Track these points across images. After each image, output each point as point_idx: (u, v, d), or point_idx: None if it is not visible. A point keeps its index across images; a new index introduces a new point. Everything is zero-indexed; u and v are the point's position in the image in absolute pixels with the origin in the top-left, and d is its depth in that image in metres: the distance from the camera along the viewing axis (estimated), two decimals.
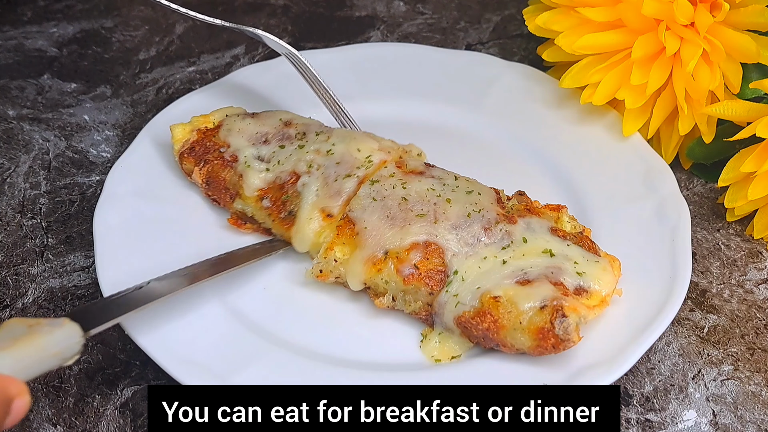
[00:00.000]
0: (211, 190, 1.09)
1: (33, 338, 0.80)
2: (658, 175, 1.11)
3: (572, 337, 0.91)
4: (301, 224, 1.02)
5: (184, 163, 1.11)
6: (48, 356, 0.81)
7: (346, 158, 1.06)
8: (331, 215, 1.02)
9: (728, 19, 1.07)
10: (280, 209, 1.05)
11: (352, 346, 0.97)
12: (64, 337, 0.82)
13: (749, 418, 0.94)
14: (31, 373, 0.80)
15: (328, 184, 1.04)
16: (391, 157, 1.07)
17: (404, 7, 1.47)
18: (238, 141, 1.10)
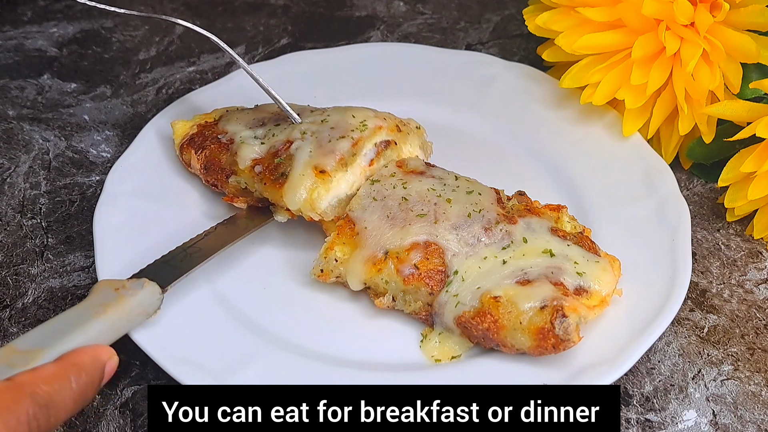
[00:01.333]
0: (209, 175, 1.09)
1: (121, 302, 0.90)
2: (658, 175, 1.11)
3: (572, 337, 0.91)
4: (293, 180, 1.01)
5: (183, 154, 1.12)
6: (135, 315, 0.92)
7: (340, 124, 1.06)
8: (324, 171, 1.01)
9: (728, 19, 1.07)
10: (272, 172, 1.04)
11: (352, 346, 0.97)
12: (146, 297, 0.93)
13: (749, 418, 0.94)
14: (121, 332, 0.90)
15: (321, 146, 1.04)
16: (387, 124, 1.07)
17: (404, 7, 1.47)
18: (236, 127, 1.11)
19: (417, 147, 1.10)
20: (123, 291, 0.91)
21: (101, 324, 0.87)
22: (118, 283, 0.92)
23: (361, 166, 1.05)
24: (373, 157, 1.06)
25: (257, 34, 1.42)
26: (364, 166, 1.05)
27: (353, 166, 1.04)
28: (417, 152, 1.10)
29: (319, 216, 1.02)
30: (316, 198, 1.01)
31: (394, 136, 1.08)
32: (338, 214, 1.03)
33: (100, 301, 0.89)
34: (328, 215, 1.02)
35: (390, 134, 1.07)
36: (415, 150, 1.10)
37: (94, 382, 0.81)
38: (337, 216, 1.03)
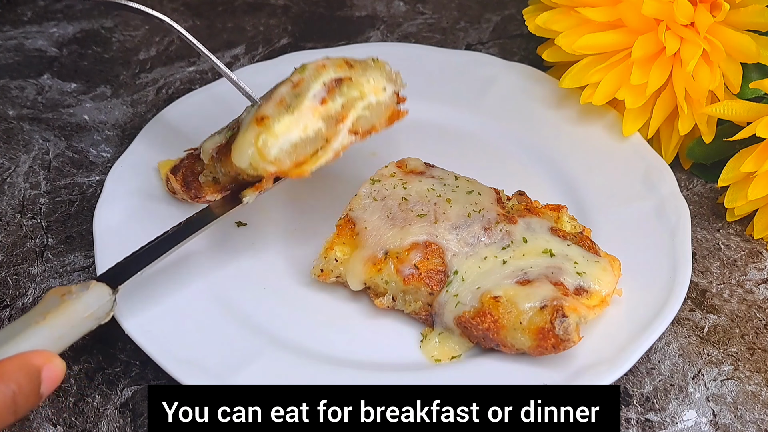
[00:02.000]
0: (189, 189, 1.07)
1: (64, 307, 0.85)
2: (658, 175, 1.11)
3: (572, 337, 0.91)
4: (238, 139, 0.96)
5: (168, 185, 1.09)
6: (82, 320, 0.86)
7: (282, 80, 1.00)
8: (264, 117, 0.95)
9: (728, 19, 1.07)
10: (225, 147, 1.00)
11: (352, 346, 0.97)
12: (94, 299, 0.87)
13: (749, 418, 0.94)
14: (69, 339, 0.85)
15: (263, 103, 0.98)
16: (332, 62, 1.00)
17: (404, 7, 1.47)
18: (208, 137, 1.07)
19: (382, 80, 1.02)
20: (68, 296, 0.86)
21: (41, 332, 0.82)
22: (66, 289, 0.87)
23: (310, 106, 0.96)
24: (324, 96, 0.97)
25: (257, 34, 1.42)
26: (315, 107, 0.97)
27: (300, 108, 0.96)
28: (383, 84, 1.02)
29: (273, 166, 0.95)
30: (262, 146, 0.94)
31: (344, 73, 1.00)
32: (296, 159, 0.96)
33: (43, 309, 0.84)
34: (284, 162, 0.95)
35: (338, 71, 0.99)
36: (380, 83, 1.01)
37: (25, 390, 0.76)
38: (295, 162, 0.96)
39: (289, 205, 1.12)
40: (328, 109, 0.98)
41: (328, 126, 0.97)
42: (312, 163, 0.96)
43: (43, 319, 0.83)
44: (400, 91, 1.04)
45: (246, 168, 0.95)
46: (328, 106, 0.98)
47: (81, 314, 0.86)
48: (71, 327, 0.85)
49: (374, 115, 1.00)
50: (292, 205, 1.11)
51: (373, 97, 1.00)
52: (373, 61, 1.04)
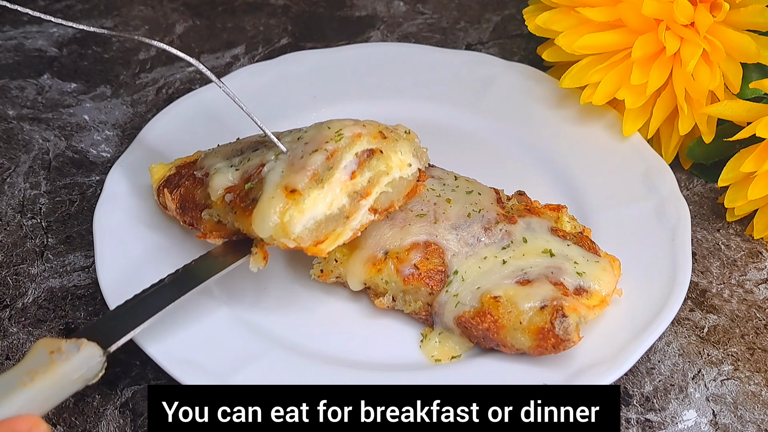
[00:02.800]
0: (185, 214, 1.01)
1: (53, 368, 0.81)
2: (658, 175, 1.11)
3: (572, 337, 0.91)
4: (262, 205, 0.90)
5: (160, 197, 1.04)
6: (70, 382, 0.82)
7: (315, 138, 0.95)
8: (295, 190, 0.90)
9: (728, 19, 1.07)
10: (243, 199, 0.94)
11: (352, 346, 0.97)
12: (84, 360, 0.83)
13: (749, 418, 0.94)
14: (55, 400, 0.81)
15: (293, 163, 0.92)
16: (368, 131, 0.96)
17: (404, 7, 1.47)
18: (213, 160, 1.02)
19: (409, 154, 0.99)
20: (57, 355, 0.82)
21: (27, 394, 0.78)
22: (55, 344, 0.82)
23: (340, 180, 0.93)
24: (354, 169, 0.94)
25: (257, 34, 1.42)
26: (345, 180, 0.93)
27: (331, 181, 0.92)
28: (409, 160, 0.99)
29: (294, 243, 0.90)
30: (288, 222, 0.89)
31: (377, 144, 0.96)
32: (316, 238, 0.92)
33: (31, 367, 0.80)
34: (305, 240, 0.91)
35: (372, 142, 0.96)
36: (407, 158, 0.99)
37: None
38: (315, 240, 0.92)
39: None
40: (356, 184, 0.94)
41: (351, 202, 0.94)
42: (330, 243, 0.92)
43: (31, 380, 0.79)
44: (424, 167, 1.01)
45: (265, 238, 0.91)
46: (356, 180, 0.94)
47: (70, 376, 0.82)
48: (60, 389, 0.81)
49: (395, 192, 0.97)
50: None
51: (398, 172, 0.97)
52: (405, 133, 1.01)
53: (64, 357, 0.82)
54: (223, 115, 1.19)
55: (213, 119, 1.19)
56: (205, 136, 1.16)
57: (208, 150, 1.07)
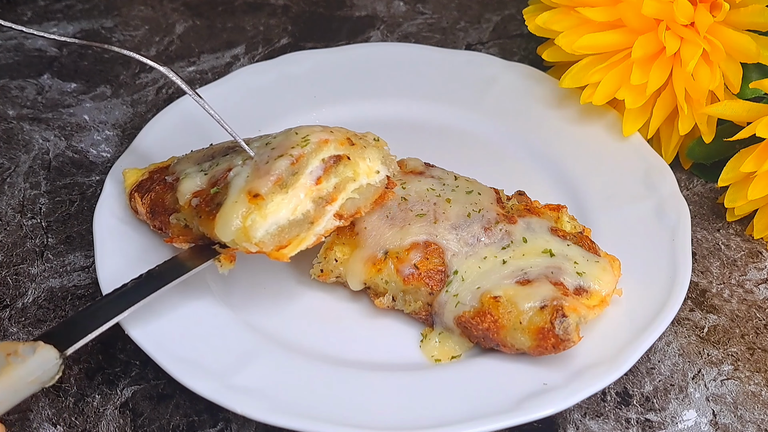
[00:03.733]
0: (155, 219, 1.01)
1: (7, 371, 0.80)
2: (658, 175, 1.11)
3: (572, 337, 0.91)
4: (225, 210, 0.91)
5: (132, 202, 1.04)
6: (25, 384, 0.82)
7: (282, 143, 0.96)
8: (258, 195, 0.90)
9: (728, 19, 1.07)
10: (208, 204, 0.94)
11: (352, 346, 0.97)
12: (40, 363, 0.83)
13: (749, 418, 0.94)
14: (9, 403, 0.81)
15: (258, 168, 0.93)
16: (335, 137, 0.96)
17: (404, 7, 1.47)
18: (185, 165, 1.03)
19: (378, 161, 0.99)
20: (13, 357, 0.81)
21: None
22: (12, 347, 0.82)
23: (305, 186, 0.93)
24: (320, 174, 0.94)
25: (257, 34, 1.42)
26: (310, 186, 0.93)
27: (295, 186, 0.92)
28: (378, 167, 0.99)
29: (256, 247, 0.91)
30: (250, 226, 0.90)
31: (345, 150, 0.96)
32: (279, 243, 0.92)
33: None
34: (267, 245, 0.91)
35: (339, 148, 0.96)
36: (375, 164, 0.98)
37: None
38: (278, 245, 0.92)
39: None
40: (321, 189, 0.94)
41: (316, 207, 0.94)
42: (293, 249, 0.93)
43: None
44: (393, 176, 1.01)
45: (227, 242, 0.92)
46: (322, 186, 0.94)
47: (24, 379, 0.82)
48: (14, 391, 0.81)
49: (362, 198, 0.98)
50: None
51: (365, 179, 0.98)
52: (374, 140, 1.01)
53: (19, 360, 0.81)
54: (223, 115, 1.18)
55: (212, 119, 1.19)
56: (205, 136, 1.16)
57: (182, 156, 1.07)
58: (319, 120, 1.13)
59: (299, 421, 0.87)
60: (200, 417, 0.94)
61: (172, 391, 0.96)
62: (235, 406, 0.88)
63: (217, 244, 0.95)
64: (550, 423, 0.93)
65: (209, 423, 0.94)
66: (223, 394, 0.89)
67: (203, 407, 0.95)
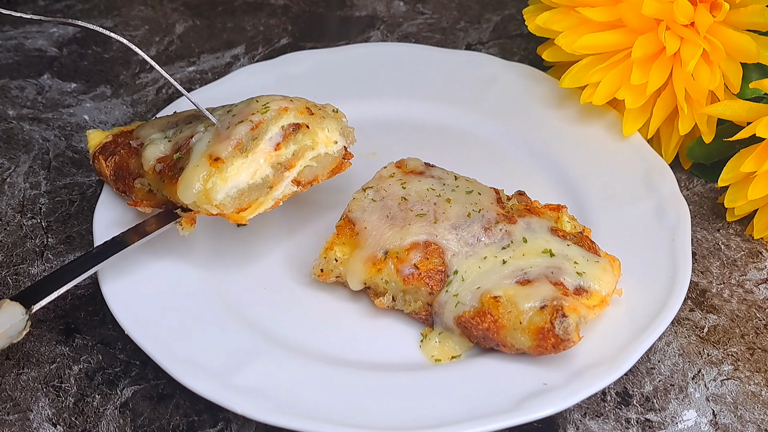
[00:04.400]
0: (118, 181, 1.05)
1: None
2: (658, 175, 1.11)
3: (572, 337, 0.91)
4: (187, 173, 0.95)
5: (96, 164, 1.07)
6: None
7: (243, 111, 1.00)
8: (219, 158, 0.95)
9: (728, 19, 1.07)
10: (171, 168, 0.98)
11: (352, 346, 0.97)
12: (6, 319, 0.87)
13: (749, 418, 0.94)
14: None
15: (219, 134, 0.97)
16: (295, 105, 1.00)
17: (404, 7, 1.47)
18: (149, 131, 1.06)
19: (336, 132, 1.02)
20: None
21: None
22: None
23: (264, 151, 0.97)
24: (279, 141, 0.98)
25: (257, 34, 1.42)
26: (269, 151, 0.97)
27: (255, 151, 0.96)
28: (335, 137, 1.02)
29: (216, 209, 0.95)
30: (210, 189, 0.94)
31: (304, 119, 1.00)
32: (239, 205, 0.96)
33: None
34: (227, 207, 0.95)
35: (299, 117, 1.00)
36: (333, 135, 1.02)
37: None
38: (238, 207, 0.96)
39: (289, 205, 1.12)
40: (280, 155, 0.98)
41: (275, 173, 0.98)
42: (252, 212, 0.97)
43: None
44: (350, 146, 1.04)
45: (189, 204, 0.96)
46: (281, 152, 0.98)
47: None
48: None
49: (319, 166, 1.02)
50: (291, 205, 1.11)
51: (323, 148, 1.02)
52: (333, 111, 1.04)
53: None
54: None
55: None
56: None
57: (146, 121, 1.10)
58: None
59: (299, 421, 0.87)
60: (200, 417, 0.94)
61: (172, 391, 0.96)
62: (235, 406, 0.88)
63: (180, 208, 0.98)
64: (550, 423, 0.93)
65: (209, 423, 0.94)
66: (223, 394, 0.89)
67: (203, 407, 0.95)
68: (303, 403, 0.90)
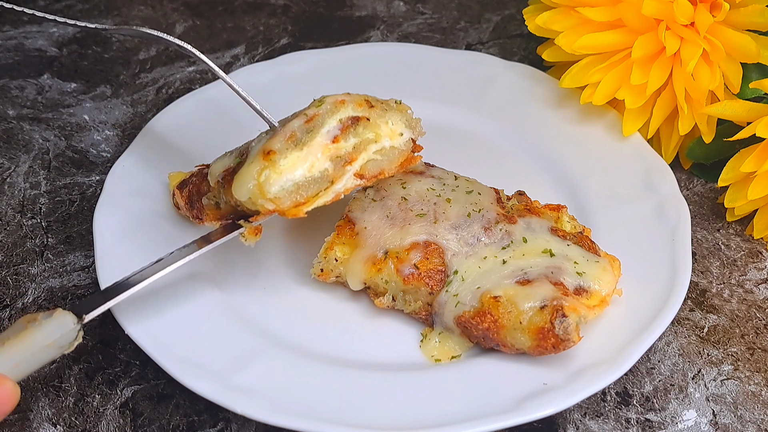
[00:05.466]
0: (192, 208, 1.04)
1: (24, 334, 0.83)
2: (658, 175, 1.11)
3: (572, 337, 0.91)
4: (242, 170, 0.92)
5: (174, 199, 1.06)
6: (43, 348, 0.84)
7: (300, 109, 0.97)
8: (271, 151, 0.91)
9: (728, 19, 1.07)
10: (231, 174, 0.95)
11: (352, 346, 0.97)
12: (57, 327, 0.85)
13: (749, 418, 0.94)
14: (28, 366, 0.83)
15: (276, 132, 0.94)
16: (352, 99, 0.97)
17: (404, 7, 1.47)
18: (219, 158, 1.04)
19: (401, 124, 0.99)
20: (32, 324, 0.84)
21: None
22: (33, 316, 0.85)
23: (321, 144, 0.93)
24: (337, 134, 0.94)
25: (257, 34, 1.42)
26: (326, 144, 0.93)
27: (310, 144, 0.92)
28: (401, 129, 0.99)
29: (272, 204, 0.91)
30: (264, 182, 0.90)
31: (362, 112, 0.96)
32: (296, 200, 0.92)
33: (6, 335, 0.83)
34: (284, 201, 0.91)
35: (357, 109, 0.96)
36: (398, 127, 0.98)
37: None
38: (296, 202, 0.92)
39: None
40: (339, 148, 0.94)
41: (335, 166, 0.94)
42: (309, 205, 0.93)
43: (2, 344, 0.82)
44: (418, 138, 1.01)
45: (245, 202, 0.92)
46: (339, 145, 0.94)
47: (41, 342, 0.84)
48: (30, 354, 0.83)
49: (385, 160, 0.98)
50: None
51: (388, 141, 0.98)
52: (395, 103, 1.01)
53: (37, 324, 0.84)
54: (223, 115, 1.19)
55: (213, 119, 1.19)
56: (205, 135, 1.16)
57: None
58: None
59: (299, 421, 0.87)
60: (200, 417, 0.94)
61: (172, 391, 0.96)
62: (235, 406, 0.88)
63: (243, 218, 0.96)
64: (550, 423, 0.93)
65: (209, 423, 0.94)
66: (223, 394, 0.89)
67: (203, 407, 0.95)
68: (303, 403, 0.90)
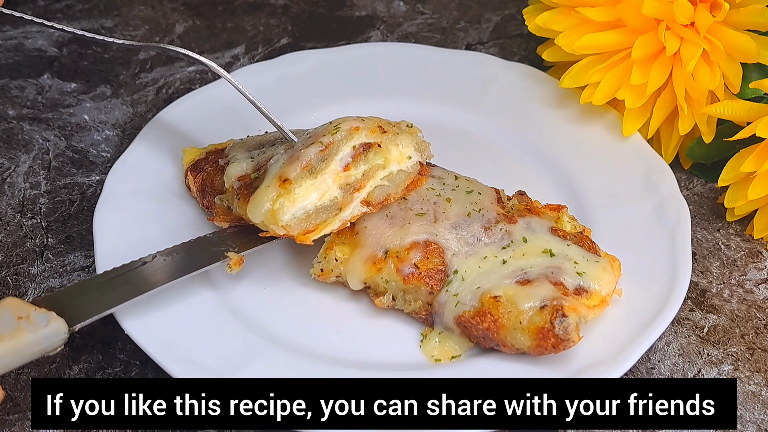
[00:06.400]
0: (204, 198, 1.06)
1: (18, 336, 0.82)
2: (658, 175, 1.11)
3: (572, 337, 0.91)
4: (258, 193, 0.95)
5: (187, 179, 1.09)
6: (30, 353, 0.84)
7: (317, 132, 0.99)
8: (287, 180, 0.94)
9: (728, 19, 1.07)
10: (247, 187, 0.99)
11: (352, 345, 0.97)
12: (50, 336, 0.85)
13: (749, 418, 0.94)
14: (12, 366, 0.83)
15: (292, 156, 0.97)
16: (366, 125, 0.99)
17: (404, 7, 1.47)
18: (237, 150, 1.07)
19: (410, 147, 1.02)
20: (25, 322, 0.83)
21: None
22: (24, 309, 0.84)
23: (333, 172, 0.96)
24: (349, 161, 0.97)
25: (257, 34, 1.42)
26: (338, 172, 0.96)
27: (324, 172, 0.96)
28: (410, 153, 1.02)
29: (283, 230, 0.95)
30: (278, 209, 0.94)
31: (375, 138, 0.99)
32: (306, 227, 0.96)
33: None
34: (293, 228, 0.95)
35: (370, 136, 0.99)
36: (408, 151, 1.01)
37: None
38: (305, 230, 0.96)
39: None
40: (348, 176, 0.97)
41: (344, 194, 0.97)
42: (317, 233, 0.97)
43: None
44: (425, 161, 1.04)
45: (257, 223, 0.96)
46: (350, 173, 0.97)
47: (32, 348, 0.84)
48: (18, 356, 0.83)
49: (392, 185, 1.00)
50: None
51: (396, 166, 1.00)
52: (407, 126, 1.04)
53: (31, 328, 0.83)
54: (224, 115, 1.19)
55: (213, 118, 1.19)
56: (205, 135, 1.16)
57: (238, 140, 1.11)
58: (319, 120, 1.13)
59: None
60: None
61: None
62: None
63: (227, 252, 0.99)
64: None
65: None
66: None
67: None
68: None
